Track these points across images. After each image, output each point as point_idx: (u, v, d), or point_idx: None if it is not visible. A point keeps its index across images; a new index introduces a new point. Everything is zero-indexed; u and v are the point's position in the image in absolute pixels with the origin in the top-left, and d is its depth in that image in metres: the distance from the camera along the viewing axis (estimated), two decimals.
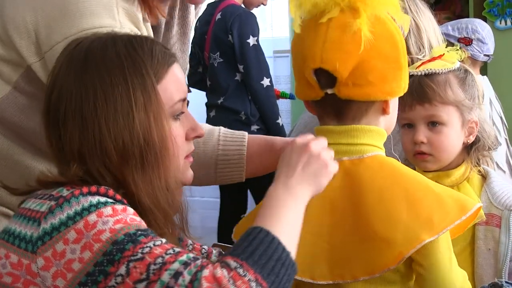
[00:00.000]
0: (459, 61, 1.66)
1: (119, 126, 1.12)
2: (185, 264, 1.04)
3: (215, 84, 3.73)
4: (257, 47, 3.63)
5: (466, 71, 1.66)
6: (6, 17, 1.48)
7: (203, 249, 1.45)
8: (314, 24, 1.31)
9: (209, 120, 3.70)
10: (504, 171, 2.46)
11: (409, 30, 1.80)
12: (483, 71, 3.67)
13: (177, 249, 1.08)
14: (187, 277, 1.02)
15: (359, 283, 1.29)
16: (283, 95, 3.95)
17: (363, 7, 1.29)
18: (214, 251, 1.46)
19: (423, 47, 1.82)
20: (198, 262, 1.06)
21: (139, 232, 1.07)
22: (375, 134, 1.36)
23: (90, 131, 1.12)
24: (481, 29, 3.14)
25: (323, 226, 1.31)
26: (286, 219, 1.15)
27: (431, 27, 1.87)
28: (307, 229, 1.24)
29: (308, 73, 1.30)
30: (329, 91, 1.31)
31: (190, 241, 1.40)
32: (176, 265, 1.04)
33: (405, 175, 1.35)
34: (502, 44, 3.74)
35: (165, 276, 1.02)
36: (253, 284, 1.03)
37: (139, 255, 1.04)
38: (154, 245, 1.06)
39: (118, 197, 1.12)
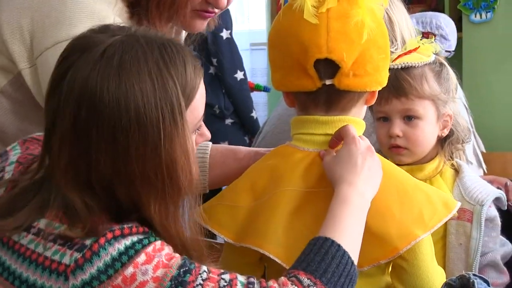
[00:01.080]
0: (434, 54, 1.65)
1: (147, 157, 1.07)
2: None
3: None
4: (231, 40, 3.60)
5: (441, 64, 1.65)
6: (1, 21, 1.46)
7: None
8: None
9: None
10: (471, 163, 2.46)
11: None
12: (457, 64, 3.68)
13: (226, 276, 1.07)
14: None
15: None
16: (257, 88, 3.93)
17: None
18: None
19: (395, 40, 1.82)
20: (257, 285, 1.06)
21: (182, 271, 1.05)
22: (359, 126, 1.37)
23: (121, 160, 1.06)
24: (445, 25, 3.13)
25: (310, 216, 1.29)
26: (355, 227, 1.19)
27: (403, 21, 1.87)
28: (296, 217, 1.27)
29: (310, 63, 1.28)
30: (328, 82, 1.30)
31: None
32: None
33: (394, 170, 1.36)
34: (477, 37, 3.75)
35: None
36: None
37: None
38: (203, 280, 1.05)
39: (141, 229, 1.08)
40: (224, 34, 3.56)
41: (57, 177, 1.09)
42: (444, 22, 3.13)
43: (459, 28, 3.89)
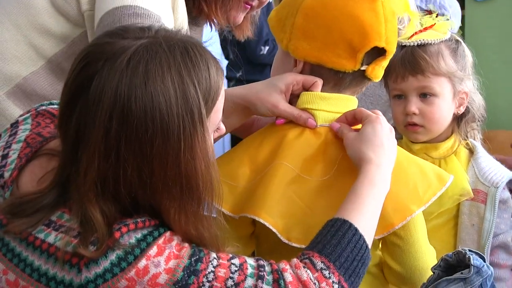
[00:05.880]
0: (450, 31, 1.63)
1: (168, 167, 1.05)
2: (259, 277, 1.05)
3: None
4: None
5: (457, 41, 1.63)
6: None
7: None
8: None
9: None
10: None
11: None
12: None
13: (236, 261, 1.07)
14: None
15: None
16: None
17: None
18: None
19: (402, 18, 1.80)
20: (267, 268, 1.07)
21: (194, 260, 1.05)
22: (355, 105, 1.36)
23: (147, 171, 1.05)
24: (449, 5, 3.10)
25: (308, 189, 1.27)
26: (375, 211, 1.19)
27: None
28: (292, 189, 1.25)
29: (366, 48, 1.28)
30: (363, 67, 1.30)
31: None
32: (250, 282, 1.05)
33: None
34: (479, 16, 3.75)
35: None
36: (336, 286, 1.07)
37: (207, 285, 1.04)
38: (214, 267, 1.05)
39: (152, 223, 1.07)
40: None
41: (81, 191, 1.06)
42: (448, 2, 3.10)
43: (461, 6, 3.87)
